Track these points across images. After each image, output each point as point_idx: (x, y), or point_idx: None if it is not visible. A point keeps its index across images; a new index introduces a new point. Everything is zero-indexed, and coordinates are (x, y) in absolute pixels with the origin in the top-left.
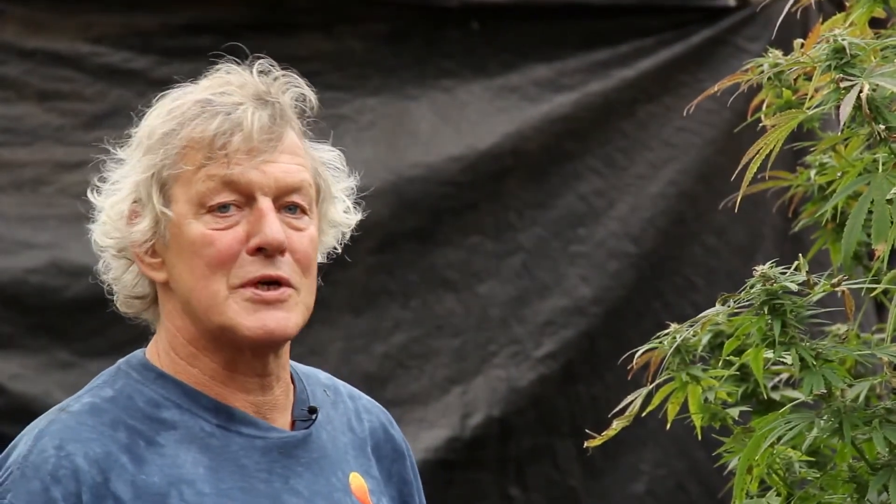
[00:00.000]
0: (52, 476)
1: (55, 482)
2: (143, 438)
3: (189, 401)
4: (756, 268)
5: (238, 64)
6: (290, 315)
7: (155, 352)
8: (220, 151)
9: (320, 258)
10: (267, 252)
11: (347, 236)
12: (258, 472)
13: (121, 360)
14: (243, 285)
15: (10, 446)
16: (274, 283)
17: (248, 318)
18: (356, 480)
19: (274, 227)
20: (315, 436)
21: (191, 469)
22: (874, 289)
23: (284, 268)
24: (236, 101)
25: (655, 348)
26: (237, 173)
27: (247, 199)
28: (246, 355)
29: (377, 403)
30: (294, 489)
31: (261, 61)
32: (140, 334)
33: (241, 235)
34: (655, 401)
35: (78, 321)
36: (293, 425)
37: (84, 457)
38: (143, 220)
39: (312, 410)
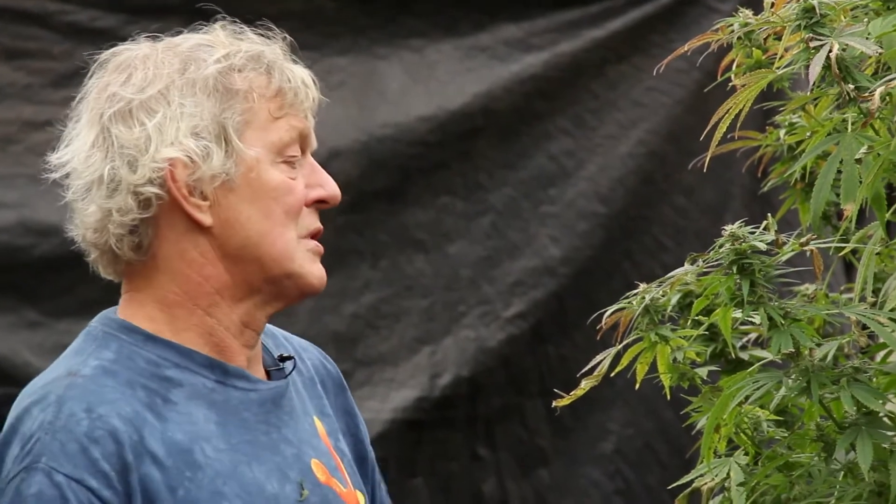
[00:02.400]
0: (89, 437)
1: (93, 442)
2: (159, 396)
3: (185, 359)
4: (725, 227)
5: (232, 22)
6: None
7: (143, 314)
8: (302, 105)
9: None
10: (324, 205)
11: None
12: (258, 424)
13: (97, 324)
14: (306, 237)
15: (14, 418)
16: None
17: (313, 268)
18: (318, 425)
19: (333, 181)
20: (290, 384)
21: (204, 426)
22: (843, 248)
23: None
24: (281, 57)
25: (624, 308)
26: (308, 128)
27: (302, 153)
28: (273, 307)
29: (305, 340)
30: (286, 438)
31: (226, 20)
32: (109, 293)
33: (303, 186)
34: (624, 361)
35: (46, 280)
36: (268, 375)
37: (118, 417)
38: (212, 158)
39: (284, 359)
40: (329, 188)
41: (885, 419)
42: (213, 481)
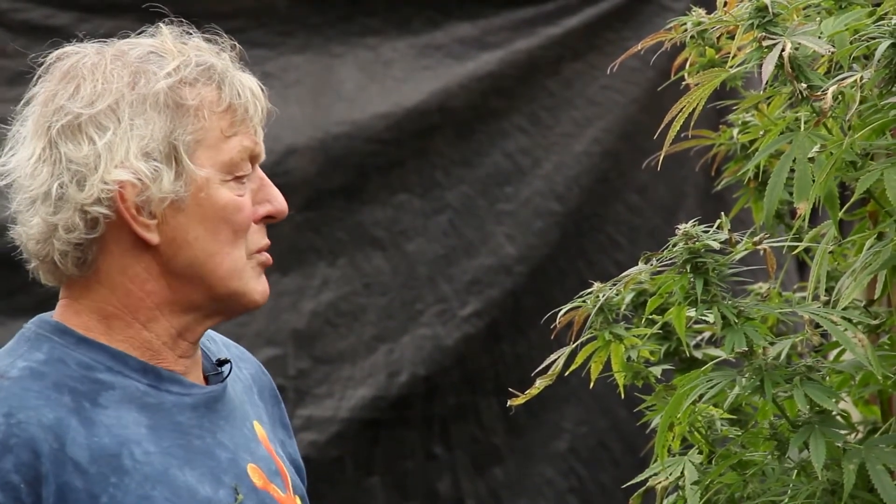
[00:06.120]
0: (3, 445)
1: (6, 451)
2: (88, 400)
3: (117, 363)
4: (678, 226)
5: (180, 25)
6: None
7: (79, 321)
8: (252, 121)
9: None
10: (271, 220)
11: None
12: (192, 428)
13: (32, 326)
14: (256, 252)
15: None
16: None
17: (259, 284)
18: (259, 429)
19: (281, 196)
20: (228, 388)
21: (134, 429)
22: (796, 247)
23: None
24: (231, 67)
25: (579, 307)
26: (259, 146)
27: (251, 167)
28: (213, 320)
29: (244, 349)
30: (221, 443)
31: (182, 24)
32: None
33: (251, 203)
34: (579, 359)
35: (1, 278)
36: (206, 380)
37: (38, 425)
38: (162, 180)
39: (222, 363)
40: (277, 203)
41: (838, 418)
42: (142, 485)
